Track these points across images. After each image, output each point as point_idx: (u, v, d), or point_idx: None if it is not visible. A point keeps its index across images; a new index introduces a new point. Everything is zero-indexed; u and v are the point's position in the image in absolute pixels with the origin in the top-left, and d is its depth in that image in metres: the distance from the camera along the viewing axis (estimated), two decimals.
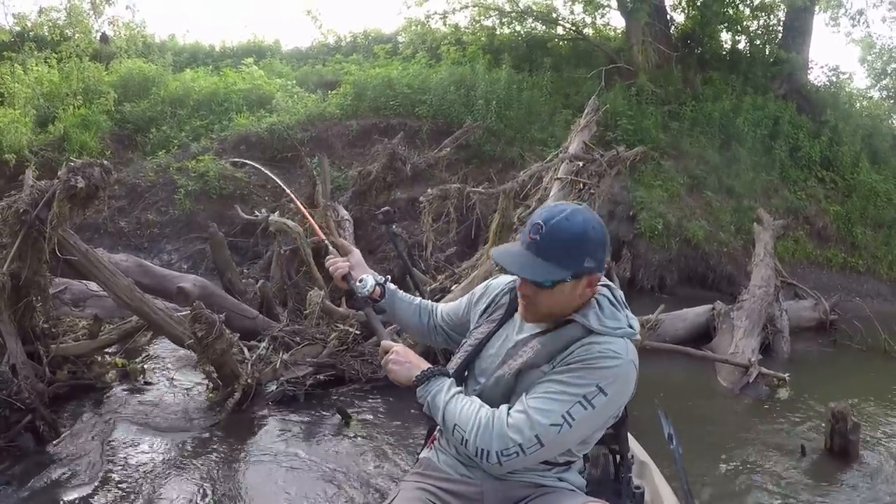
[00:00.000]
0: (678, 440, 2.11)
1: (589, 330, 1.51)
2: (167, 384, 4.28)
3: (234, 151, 9.61)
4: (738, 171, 10.85)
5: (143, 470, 3.17)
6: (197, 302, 3.56)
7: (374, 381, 4.48)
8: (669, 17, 13.70)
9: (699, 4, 12.98)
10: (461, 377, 1.66)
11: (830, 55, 47.69)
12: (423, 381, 1.58)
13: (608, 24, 14.56)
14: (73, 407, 3.74)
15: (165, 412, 3.85)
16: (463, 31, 13.81)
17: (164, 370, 4.57)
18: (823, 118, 12.22)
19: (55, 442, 3.29)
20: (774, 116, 11.77)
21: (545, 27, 14.16)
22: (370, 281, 1.90)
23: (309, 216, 2.34)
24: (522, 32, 13.94)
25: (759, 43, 13.88)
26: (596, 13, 14.05)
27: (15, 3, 17.90)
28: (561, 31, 14.22)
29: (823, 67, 14.79)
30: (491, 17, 14.00)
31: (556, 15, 14.31)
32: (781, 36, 13.65)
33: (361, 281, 1.89)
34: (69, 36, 11.25)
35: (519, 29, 14.02)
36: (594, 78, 11.80)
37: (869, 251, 10.80)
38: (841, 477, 3.84)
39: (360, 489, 3.16)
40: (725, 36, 13.82)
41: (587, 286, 1.54)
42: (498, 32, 13.92)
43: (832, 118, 12.22)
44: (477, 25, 13.98)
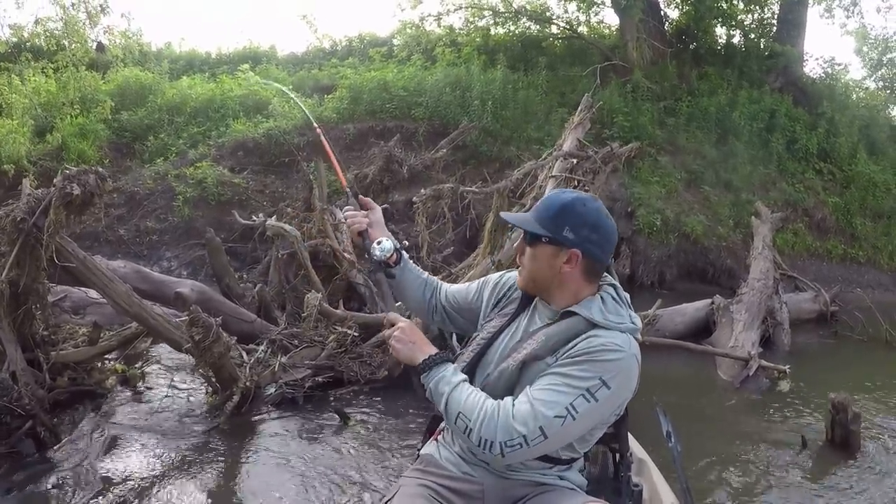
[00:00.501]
0: (677, 438, 2.11)
1: (592, 324, 1.52)
2: (167, 389, 4.29)
3: (231, 157, 9.64)
4: (735, 165, 10.84)
5: (143, 474, 3.19)
6: (194, 306, 3.57)
7: (372, 382, 4.50)
8: (663, 13, 13.74)
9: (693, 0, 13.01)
10: (472, 370, 1.64)
11: (826, 47, 47.83)
12: (427, 366, 1.55)
13: (602, 21, 14.62)
14: (73, 413, 3.75)
15: (165, 416, 3.87)
16: (457, 32, 13.82)
17: (163, 375, 4.58)
18: (820, 110, 12.21)
19: (56, 447, 3.30)
20: (770, 110, 11.77)
21: (539, 26, 14.18)
22: (389, 244, 1.79)
23: (333, 158, 2.17)
24: (517, 32, 13.95)
25: (753, 37, 13.89)
26: (590, 11, 14.09)
27: (11, 14, 17.99)
28: (555, 29, 14.24)
29: (819, 59, 14.76)
30: (485, 17, 14.02)
31: (550, 14, 14.36)
32: (776, 29, 13.67)
33: (380, 243, 1.79)
34: (66, 46, 11.25)
35: (513, 29, 14.03)
36: (589, 76, 11.82)
37: (869, 242, 10.79)
38: (842, 468, 3.83)
39: (359, 490, 3.18)
40: (720, 30, 13.85)
41: (567, 263, 1.56)
42: (492, 33, 13.93)
43: (828, 110, 12.21)
44: (471, 26, 14.00)
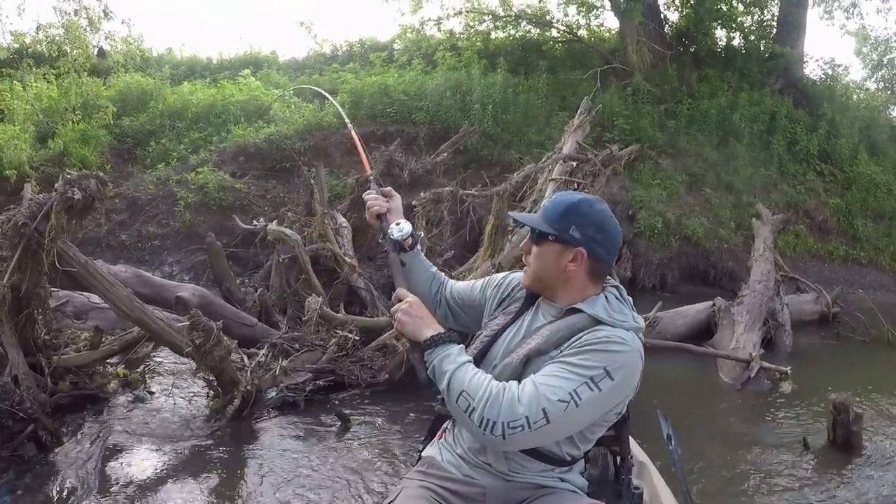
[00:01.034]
0: (677, 441, 2.10)
1: (597, 321, 1.54)
2: (168, 393, 4.30)
3: (232, 162, 9.66)
4: (736, 167, 10.81)
5: (144, 478, 3.20)
6: (194, 310, 3.58)
7: (373, 385, 4.50)
8: (663, 15, 13.73)
9: (692, 2, 12.99)
10: (476, 366, 1.62)
11: (826, 48, 47.82)
12: (433, 343, 1.55)
13: (602, 24, 14.59)
14: (75, 417, 3.76)
15: (167, 420, 3.88)
16: (458, 36, 13.83)
17: (165, 379, 4.59)
18: (820, 111, 12.17)
19: (58, 451, 3.31)
20: (771, 111, 11.74)
21: (539, 30, 14.18)
22: (407, 227, 1.87)
23: (361, 148, 2.23)
24: (517, 36, 13.94)
25: (753, 39, 13.88)
26: (590, 14, 14.07)
27: (12, 20, 18.07)
28: (555, 33, 14.24)
29: (819, 61, 14.72)
30: (485, 21, 14.04)
31: (550, 17, 14.35)
32: (776, 31, 13.66)
33: (398, 224, 1.86)
34: (67, 52, 11.30)
35: (513, 33, 14.02)
36: (590, 79, 11.82)
37: (870, 243, 10.75)
38: (844, 469, 3.82)
39: (360, 493, 3.18)
40: (720, 33, 13.80)
41: (572, 261, 1.58)
42: (493, 37, 13.93)
43: (829, 111, 12.17)
44: (471, 31, 14.01)
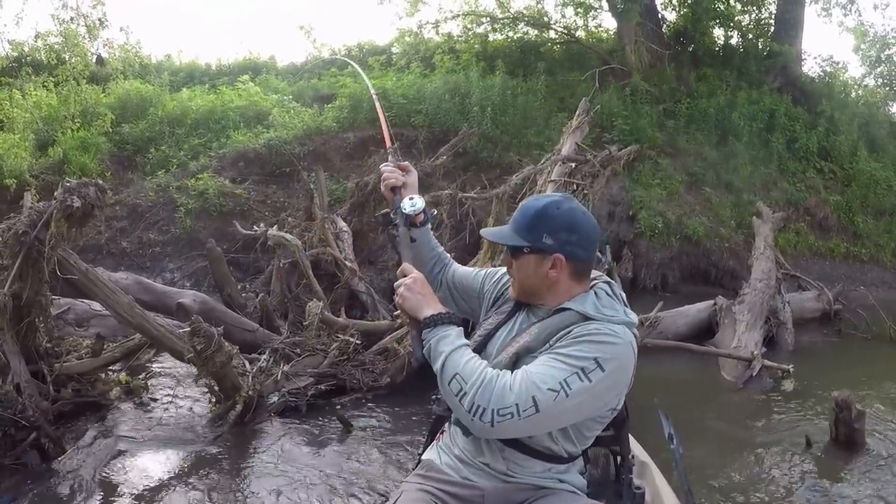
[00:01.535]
0: (679, 440, 2.10)
1: (586, 317, 1.53)
2: (170, 399, 4.31)
3: (232, 168, 9.67)
4: (735, 165, 10.81)
5: (147, 484, 3.20)
6: (195, 316, 3.59)
7: (374, 389, 4.51)
8: (661, 15, 13.73)
9: (690, 2, 13.01)
10: None
11: (824, 45, 47.74)
12: (432, 322, 1.55)
13: (600, 25, 14.57)
14: (77, 424, 3.77)
15: (169, 427, 3.89)
16: (456, 39, 13.82)
17: (167, 386, 4.60)
18: (819, 109, 12.16)
19: (60, 459, 3.32)
20: (770, 110, 11.73)
21: (537, 32, 14.18)
22: (420, 203, 1.85)
23: (383, 120, 2.23)
24: (515, 38, 13.93)
25: (751, 37, 13.87)
26: (587, 16, 14.10)
27: (10, 30, 18.15)
28: (553, 35, 14.24)
29: (817, 58, 14.73)
30: (483, 24, 14.04)
31: (547, 19, 14.36)
32: (774, 29, 13.65)
33: (412, 199, 1.84)
34: (66, 60, 11.32)
35: (511, 35, 14.02)
36: (588, 80, 11.82)
37: (871, 240, 10.73)
38: (846, 467, 3.81)
39: (362, 497, 3.18)
40: (718, 32, 13.79)
41: (552, 268, 1.57)
42: (490, 39, 13.93)
43: (828, 108, 12.16)
44: (469, 33, 14.01)
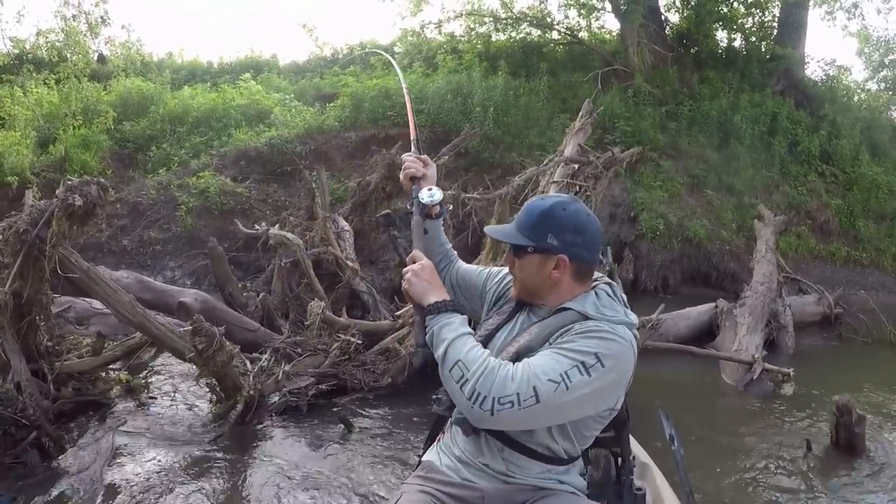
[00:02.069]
0: (680, 441, 2.10)
1: (585, 316, 1.53)
2: (171, 398, 4.31)
3: (233, 167, 9.68)
4: (737, 168, 10.82)
5: (147, 483, 3.20)
6: (197, 315, 3.58)
7: (375, 390, 4.50)
8: (664, 17, 13.76)
9: (693, 4, 13.04)
10: None
11: (827, 49, 47.65)
12: (437, 309, 1.56)
13: (603, 27, 14.61)
14: (78, 423, 3.76)
15: (169, 426, 3.88)
16: (458, 39, 13.83)
17: (167, 385, 4.59)
18: (821, 112, 12.17)
19: (61, 457, 3.32)
20: (772, 113, 11.74)
21: (540, 32, 14.19)
22: (439, 195, 1.85)
23: (411, 114, 2.25)
24: (518, 38, 13.94)
25: (754, 40, 13.90)
26: (591, 17, 14.11)
27: (12, 27, 18.15)
28: (556, 35, 14.25)
29: (820, 62, 14.75)
30: (486, 24, 14.04)
31: (550, 20, 14.39)
32: (777, 32, 13.67)
33: (430, 189, 1.85)
34: (67, 57, 11.31)
35: (514, 35, 14.02)
36: (591, 81, 11.84)
37: (872, 244, 10.74)
38: (847, 471, 3.81)
39: (363, 497, 3.18)
40: (721, 34, 13.84)
41: (555, 269, 1.58)
42: (493, 39, 13.94)
43: (830, 112, 12.17)
44: (472, 33, 14.02)
